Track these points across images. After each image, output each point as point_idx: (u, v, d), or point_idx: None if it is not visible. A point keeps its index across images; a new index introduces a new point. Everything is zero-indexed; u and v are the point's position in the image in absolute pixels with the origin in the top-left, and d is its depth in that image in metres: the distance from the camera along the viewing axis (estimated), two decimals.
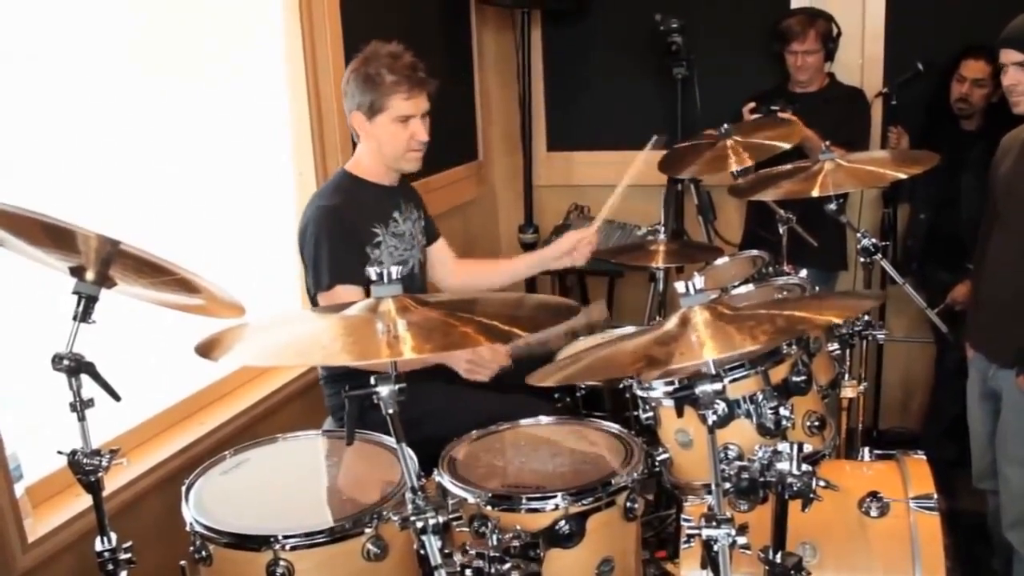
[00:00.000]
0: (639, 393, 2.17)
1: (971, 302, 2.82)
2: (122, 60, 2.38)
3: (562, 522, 1.84)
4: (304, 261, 2.51)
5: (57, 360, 1.65)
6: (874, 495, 1.87)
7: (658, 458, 2.12)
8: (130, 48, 2.41)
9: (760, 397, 1.98)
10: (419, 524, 1.56)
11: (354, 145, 2.91)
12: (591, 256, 2.81)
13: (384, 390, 1.51)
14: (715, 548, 1.54)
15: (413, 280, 2.64)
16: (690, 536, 1.89)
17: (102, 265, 1.67)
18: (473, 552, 1.72)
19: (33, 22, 2.15)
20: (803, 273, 2.64)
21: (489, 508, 1.86)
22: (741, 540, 1.54)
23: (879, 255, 2.49)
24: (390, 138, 2.49)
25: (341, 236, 2.44)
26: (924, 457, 2.03)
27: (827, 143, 2.55)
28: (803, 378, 2.06)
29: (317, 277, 2.43)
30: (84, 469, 1.69)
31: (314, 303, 2.51)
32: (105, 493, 1.74)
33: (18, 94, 2.12)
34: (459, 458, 2.08)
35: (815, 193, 2.40)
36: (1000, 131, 2.65)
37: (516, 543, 1.78)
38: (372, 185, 2.58)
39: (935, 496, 1.88)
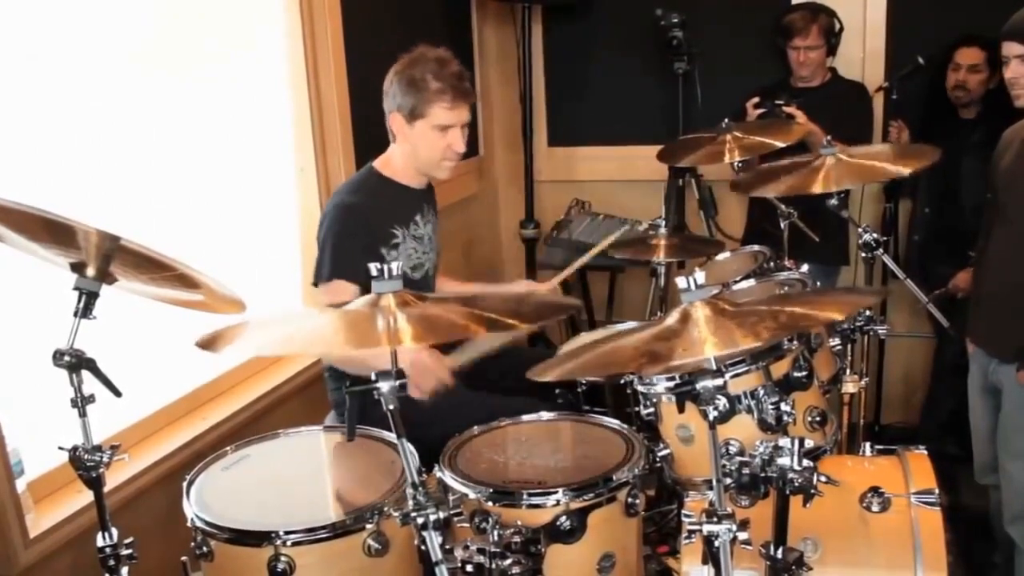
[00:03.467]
0: (640, 389, 2.17)
1: (972, 295, 2.82)
2: (123, 58, 2.37)
3: (563, 518, 1.84)
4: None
5: (58, 356, 1.65)
6: (875, 490, 1.87)
7: (659, 454, 2.11)
8: (131, 46, 2.40)
9: (761, 393, 1.98)
10: (420, 520, 1.56)
11: (356, 139, 2.91)
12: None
13: (385, 386, 1.51)
14: (716, 544, 1.54)
15: (426, 283, 2.63)
16: (691, 532, 1.89)
17: (103, 261, 1.67)
18: (474, 548, 1.73)
19: (33, 22, 2.15)
20: (804, 268, 2.64)
21: (490, 504, 1.87)
22: (742, 535, 1.54)
23: (880, 250, 2.49)
24: (427, 145, 2.47)
25: (352, 233, 2.43)
26: (925, 452, 2.03)
27: (828, 138, 2.55)
28: (804, 373, 2.06)
29: (319, 268, 2.45)
30: (85, 465, 1.69)
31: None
32: (106, 489, 1.74)
33: (20, 93, 2.11)
34: (460, 453, 2.08)
35: (817, 189, 2.39)
36: (999, 118, 2.64)
37: (517, 539, 1.78)
38: (398, 186, 2.57)
39: (936, 491, 1.88)
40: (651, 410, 2.15)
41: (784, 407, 1.89)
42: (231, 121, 2.75)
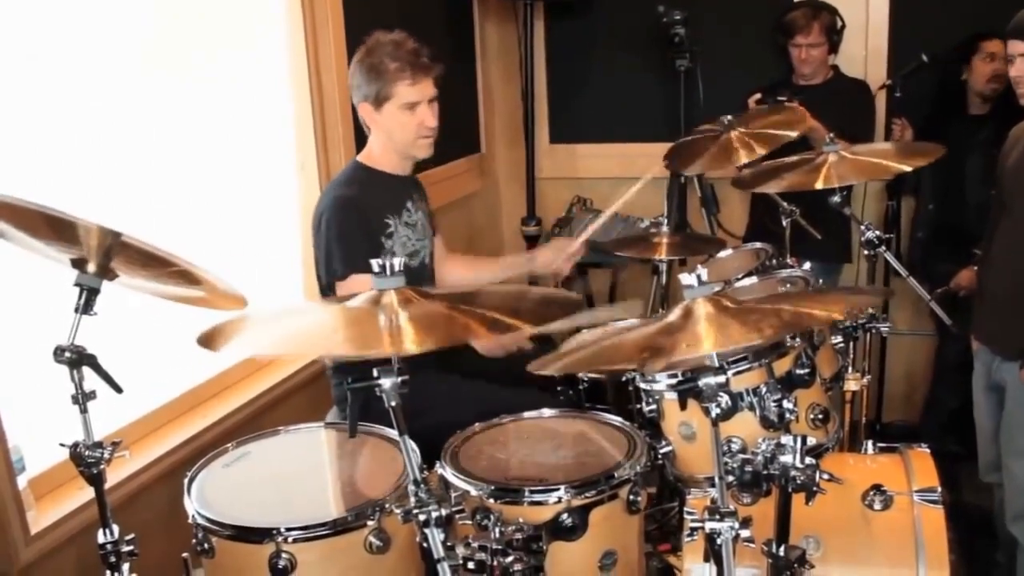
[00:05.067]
0: (642, 386, 2.17)
1: (977, 292, 2.81)
2: (123, 57, 2.37)
3: (565, 515, 1.84)
4: (316, 251, 2.50)
5: (59, 352, 1.65)
6: (878, 488, 1.87)
7: (661, 451, 2.11)
8: (131, 46, 2.40)
9: (764, 390, 1.97)
10: (422, 517, 1.55)
11: (357, 136, 2.91)
12: (571, 265, 2.87)
13: (387, 382, 1.50)
14: (718, 541, 1.54)
15: (424, 271, 2.64)
16: (693, 529, 1.89)
17: (103, 257, 1.67)
18: (476, 545, 1.72)
19: (33, 22, 2.14)
20: (807, 266, 2.63)
21: (492, 501, 1.87)
22: (744, 533, 1.54)
23: (883, 247, 2.49)
24: (399, 126, 2.49)
25: (356, 225, 2.44)
26: (928, 450, 2.03)
27: (831, 135, 2.54)
28: (807, 371, 2.06)
29: (331, 266, 2.43)
30: (86, 461, 1.68)
31: (324, 293, 2.51)
32: (107, 485, 1.74)
33: (20, 93, 2.11)
34: (461, 450, 2.08)
35: (819, 185, 2.39)
36: (1007, 116, 2.63)
37: (519, 536, 1.78)
38: (385, 175, 2.59)
39: (939, 489, 1.88)
40: (653, 407, 2.15)
41: (786, 404, 1.89)
42: (231, 119, 2.75)
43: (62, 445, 1.70)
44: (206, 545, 1.83)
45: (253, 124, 2.85)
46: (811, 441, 1.58)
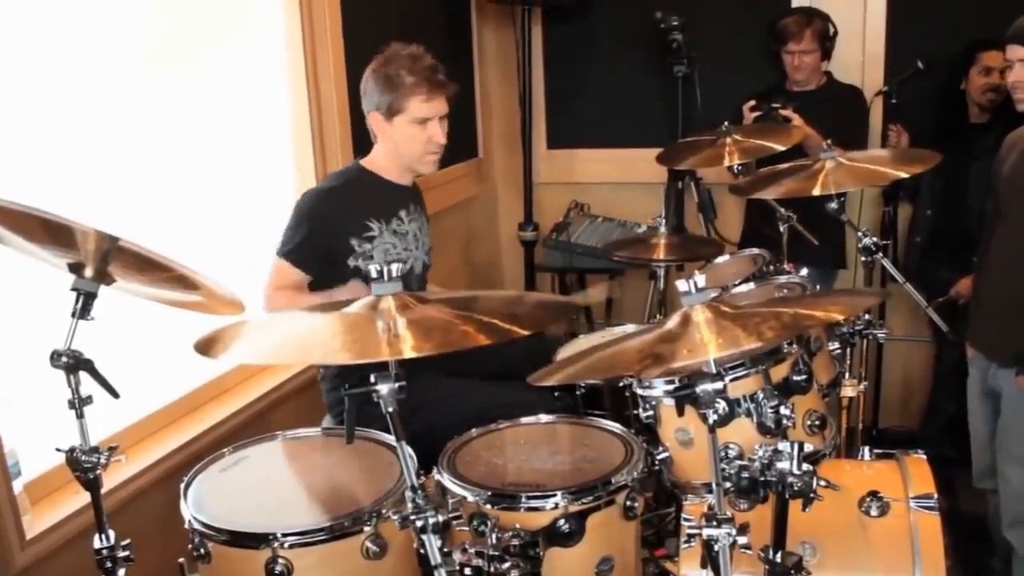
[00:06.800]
0: (639, 392, 2.17)
1: (973, 299, 2.81)
2: (123, 57, 2.37)
3: (561, 521, 1.84)
4: None
5: (56, 357, 1.64)
6: (874, 494, 1.87)
7: (658, 457, 2.11)
8: (131, 45, 2.40)
9: (761, 396, 1.97)
10: (419, 523, 1.55)
11: (354, 141, 2.91)
12: None
13: (384, 388, 1.50)
14: (715, 548, 1.54)
15: (411, 279, 2.63)
16: (691, 535, 1.89)
17: (101, 261, 1.66)
18: (472, 551, 1.72)
19: (33, 22, 2.14)
20: (803, 272, 2.64)
21: (489, 507, 1.86)
22: (741, 539, 1.54)
23: (880, 254, 2.49)
24: (408, 140, 2.50)
25: (318, 220, 2.47)
26: (924, 456, 2.03)
27: (828, 141, 2.55)
28: (804, 377, 2.06)
29: (278, 244, 2.49)
30: (82, 466, 1.68)
31: None
32: (104, 490, 1.74)
33: (20, 93, 2.11)
34: (459, 456, 2.08)
35: (816, 192, 2.39)
36: (1009, 122, 2.63)
37: (516, 542, 1.77)
38: (382, 181, 2.60)
39: (935, 496, 1.88)
40: (650, 413, 2.15)
41: (783, 411, 1.89)
42: (230, 121, 2.75)
43: (58, 450, 1.70)
44: (202, 550, 1.82)
45: (252, 127, 2.86)
46: (808, 447, 1.58)
